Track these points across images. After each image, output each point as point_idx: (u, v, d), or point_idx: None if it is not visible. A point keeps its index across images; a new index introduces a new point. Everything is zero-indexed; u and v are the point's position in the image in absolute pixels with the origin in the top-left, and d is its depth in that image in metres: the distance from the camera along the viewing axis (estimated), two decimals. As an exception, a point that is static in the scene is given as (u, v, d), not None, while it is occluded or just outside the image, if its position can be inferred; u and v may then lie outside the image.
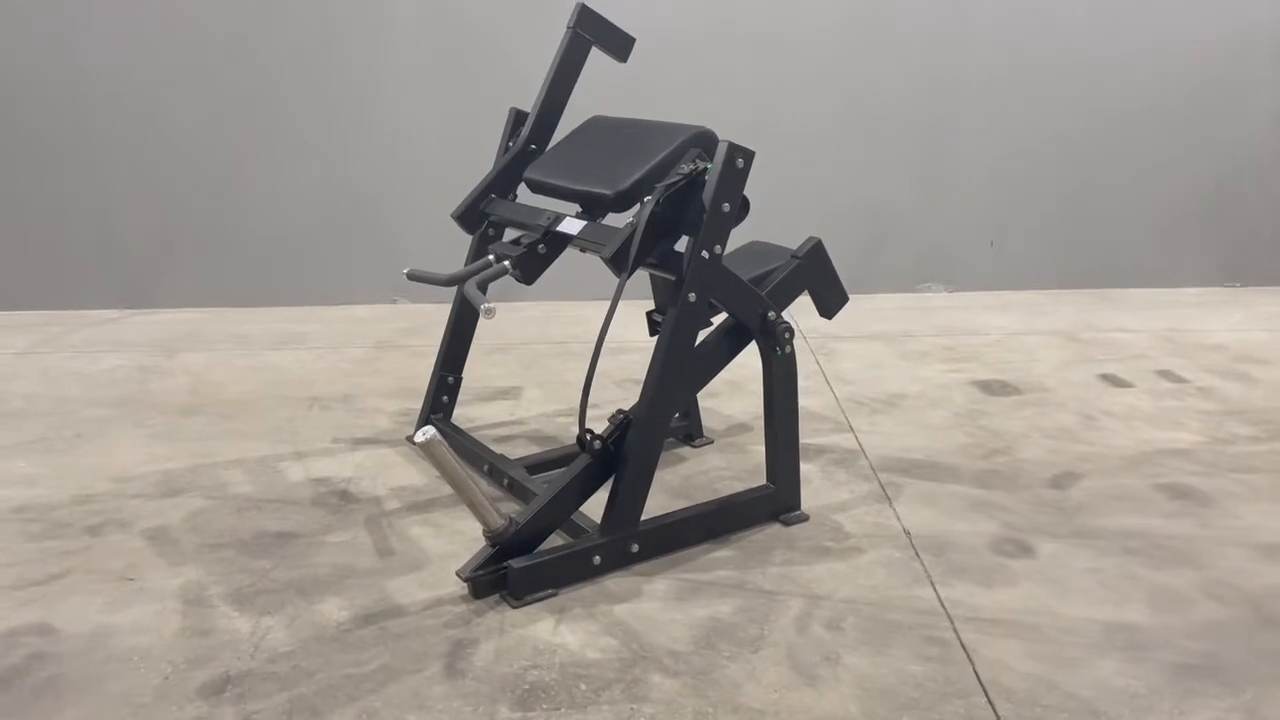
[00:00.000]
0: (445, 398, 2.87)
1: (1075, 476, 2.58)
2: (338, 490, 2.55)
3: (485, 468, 2.58)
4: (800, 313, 2.44)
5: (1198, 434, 2.84)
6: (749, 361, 2.33)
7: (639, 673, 1.79)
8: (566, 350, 3.72)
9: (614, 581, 2.10)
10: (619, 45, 2.75)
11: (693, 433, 2.84)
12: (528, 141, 2.68)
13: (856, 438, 2.86)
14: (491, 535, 2.04)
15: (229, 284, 4.39)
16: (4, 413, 3.12)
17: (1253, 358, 3.50)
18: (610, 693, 1.73)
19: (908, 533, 2.30)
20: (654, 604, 2.01)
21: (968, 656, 1.83)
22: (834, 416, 3.02)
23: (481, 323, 2.51)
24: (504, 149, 2.74)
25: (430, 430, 1.89)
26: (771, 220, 3.33)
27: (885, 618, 1.96)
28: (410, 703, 1.71)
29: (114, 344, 3.86)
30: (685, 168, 2.10)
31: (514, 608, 2.00)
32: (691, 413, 2.84)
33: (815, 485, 2.54)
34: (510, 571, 2.03)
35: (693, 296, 2.10)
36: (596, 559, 2.11)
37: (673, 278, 2.16)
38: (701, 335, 2.24)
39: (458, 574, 2.05)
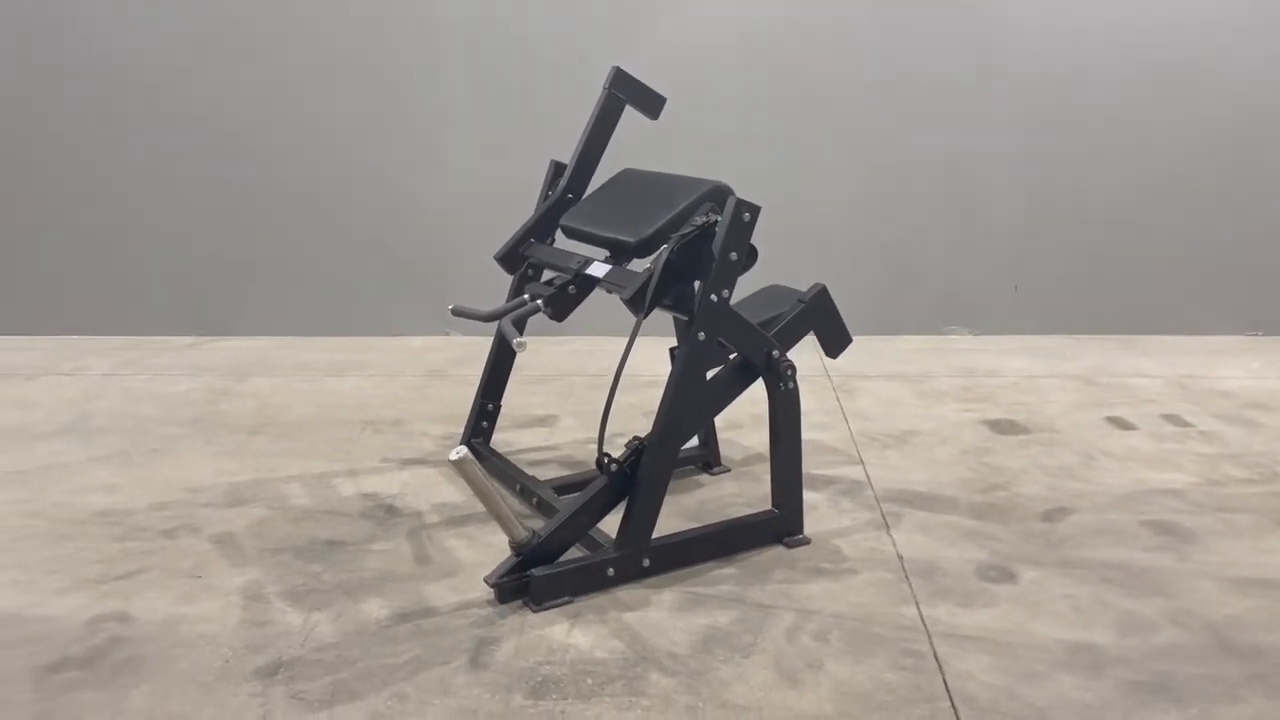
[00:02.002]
0: (485, 423, 3.11)
1: (1067, 511, 2.73)
2: (384, 505, 2.81)
3: (517, 487, 2.80)
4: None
5: (1192, 475, 2.96)
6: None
7: (640, 671, 1.99)
8: (602, 382, 3.94)
9: (626, 592, 2.30)
10: (651, 104, 2.97)
11: (711, 461, 3.03)
12: (565, 191, 2.90)
13: (865, 470, 3.04)
14: (516, 546, 2.24)
15: (295, 315, 4.72)
16: (89, 429, 3.44)
17: (1262, 405, 3.60)
18: (613, 687, 1.94)
19: (900, 557, 2.47)
20: (660, 613, 2.22)
21: (939, 667, 2.00)
22: (846, 450, 3.20)
23: (525, 355, 2.73)
24: (544, 197, 2.96)
25: (462, 449, 2.12)
26: (802, 264, 3.55)
27: (869, 631, 2.14)
28: (437, 689, 1.93)
29: (189, 368, 4.19)
30: (698, 220, 2.32)
31: (534, 612, 2.21)
32: (710, 442, 3.03)
33: (820, 512, 2.73)
34: (532, 579, 2.23)
35: (701, 335, 2.31)
36: (610, 571, 2.31)
37: (685, 318, 2.39)
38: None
39: (485, 580, 2.27)
